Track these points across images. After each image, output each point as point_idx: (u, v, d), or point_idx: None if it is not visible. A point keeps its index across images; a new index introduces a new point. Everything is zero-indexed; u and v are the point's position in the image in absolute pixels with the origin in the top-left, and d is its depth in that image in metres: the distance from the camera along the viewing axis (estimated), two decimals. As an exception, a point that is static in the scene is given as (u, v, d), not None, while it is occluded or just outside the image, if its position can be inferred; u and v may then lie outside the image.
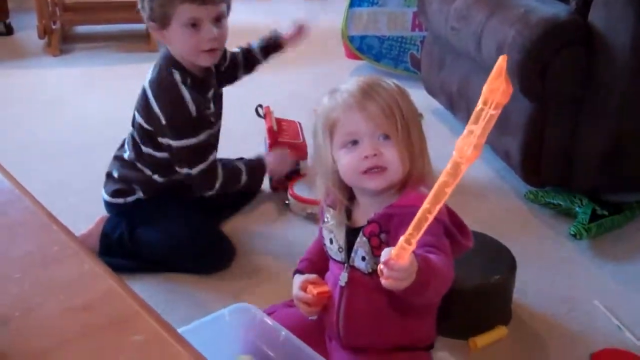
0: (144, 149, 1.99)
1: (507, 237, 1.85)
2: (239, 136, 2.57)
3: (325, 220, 1.43)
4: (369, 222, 1.33)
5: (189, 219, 2.00)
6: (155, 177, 2.01)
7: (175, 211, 2.02)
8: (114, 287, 0.76)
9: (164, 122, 1.89)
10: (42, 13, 3.79)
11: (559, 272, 1.96)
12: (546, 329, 1.74)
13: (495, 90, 0.87)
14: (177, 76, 1.91)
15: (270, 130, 2.35)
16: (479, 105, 0.89)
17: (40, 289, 0.78)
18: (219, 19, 1.89)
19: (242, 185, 2.04)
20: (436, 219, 1.06)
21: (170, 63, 1.92)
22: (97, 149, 2.22)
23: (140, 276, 1.91)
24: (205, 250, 1.96)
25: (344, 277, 1.37)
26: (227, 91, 2.37)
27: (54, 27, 3.85)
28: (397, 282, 1.13)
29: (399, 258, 1.08)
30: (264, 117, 2.46)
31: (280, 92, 3.14)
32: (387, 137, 1.30)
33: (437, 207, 0.98)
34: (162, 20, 1.87)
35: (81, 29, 4.19)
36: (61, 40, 3.85)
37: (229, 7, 1.95)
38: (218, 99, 2.09)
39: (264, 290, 1.87)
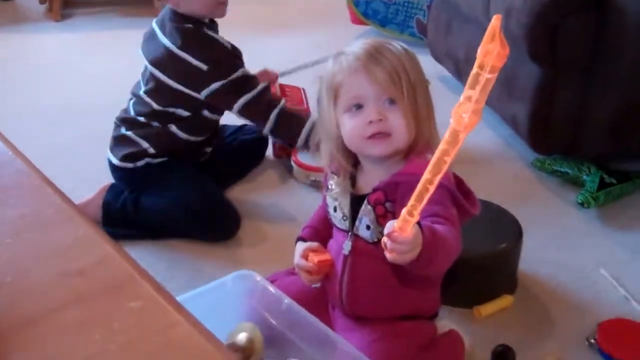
0: (167, 109, 1.99)
1: (514, 205, 1.82)
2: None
3: (329, 187, 1.40)
4: (373, 190, 1.30)
5: (195, 185, 1.99)
6: (174, 129, 2.00)
7: (181, 177, 2.00)
8: (110, 253, 0.74)
9: (205, 68, 1.91)
10: (43, -23, 3.75)
11: (565, 240, 1.94)
12: (552, 298, 1.72)
13: (490, 52, 0.83)
14: (192, 26, 1.94)
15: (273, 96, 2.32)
16: (475, 69, 0.85)
17: (33, 254, 0.76)
18: None
19: (304, 135, 2.00)
20: (442, 186, 1.04)
21: (181, 20, 1.95)
22: (99, 114, 2.19)
23: (140, 243, 1.90)
24: (210, 216, 1.94)
25: (347, 246, 1.35)
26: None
27: (55, -9, 3.81)
28: (401, 256, 1.11)
29: (402, 230, 1.06)
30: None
31: (284, 58, 3.09)
32: (393, 101, 1.27)
33: (438, 177, 0.95)
34: None
35: (82, -7, 4.14)
36: (62, 5, 3.80)
37: None
38: None
39: (266, 258, 1.86)
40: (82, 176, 2.16)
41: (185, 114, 1.99)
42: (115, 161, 2.02)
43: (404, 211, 1.03)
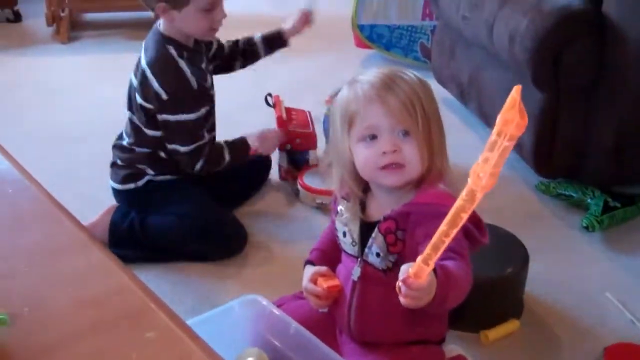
0: (147, 131, 1.99)
1: (519, 229, 1.83)
2: (249, 125, 2.54)
3: (339, 212, 1.40)
4: (385, 219, 1.30)
5: (202, 203, 2.00)
6: (161, 154, 2.01)
7: (187, 195, 2.02)
8: (125, 281, 0.75)
9: (164, 97, 1.90)
10: (51, 0, 3.77)
11: (571, 264, 1.95)
12: (558, 322, 1.72)
13: (510, 121, 0.85)
14: (173, 51, 1.93)
15: (279, 119, 2.33)
16: (493, 135, 0.87)
17: (48, 282, 0.77)
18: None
19: (226, 163, 2.03)
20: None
21: (163, 40, 1.94)
22: (105, 137, 2.20)
23: (147, 266, 1.90)
24: (217, 233, 1.96)
25: (356, 272, 1.35)
26: (237, 80, 2.36)
27: (62, 14, 3.83)
28: (415, 301, 1.12)
29: (417, 277, 1.06)
30: (274, 106, 2.44)
31: (289, 81, 3.12)
32: (407, 133, 1.27)
33: (455, 231, 0.96)
34: (177, 3, 1.88)
35: (90, 16, 4.16)
36: (69, 28, 3.83)
37: None
38: (210, 74, 2.09)
39: (272, 281, 1.86)
40: (89, 199, 2.17)
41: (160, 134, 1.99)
42: (116, 185, 2.04)
43: (419, 259, 1.04)
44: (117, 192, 2.06)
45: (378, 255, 1.31)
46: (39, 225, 0.87)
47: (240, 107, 2.74)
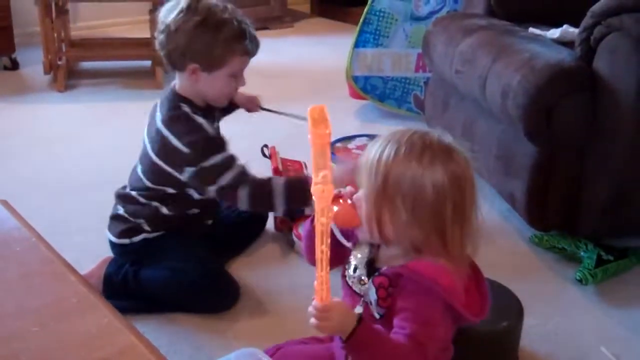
0: (156, 187, 2.01)
1: (512, 281, 1.84)
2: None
3: (357, 245, 1.43)
4: (379, 274, 1.33)
5: (195, 257, 2.01)
6: (164, 210, 2.02)
7: (180, 249, 2.02)
8: (134, 343, 0.76)
9: (186, 151, 1.90)
10: (48, 48, 3.81)
11: (564, 317, 1.96)
12: (553, 376, 1.73)
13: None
14: (186, 108, 1.95)
15: (276, 171, 2.36)
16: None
17: (59, 344, 0.78)
18: None
19: (281, 200, 1.94)
20: (437, 298, 1.21)
21: (177, 99, 1.97)
22: (102, 187, 2.22)
23: (142, 317, 1.90)
24: (210, 288, 1.96)
25: (358, 310, 1.36)
26: (233, 130, 2.39)
27: (59, 62, 3.87)
28: (318, 321, 1.20)
29: (318, 298, 1.17)
30: (270, 157, 2.47)
31: (284, 131, 3.14)
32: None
33: (324, 247, 1.10)
34: (211, 66, 1.92)
35: (87, 64, 4.20)
36: (67, 76, 3.86)
37: None
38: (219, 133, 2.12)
39: (267, 333, 1.86)
40: (85, 249, 2.17)
41: (172, 191, 2.00)
42: (112, 238, 2.06)
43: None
44: (112, 245, 2.07)
45: (371, 303, 1.34)
46: (49, 285, 0.88)
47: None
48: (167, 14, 1.92)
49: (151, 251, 2.03)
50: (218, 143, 1.97)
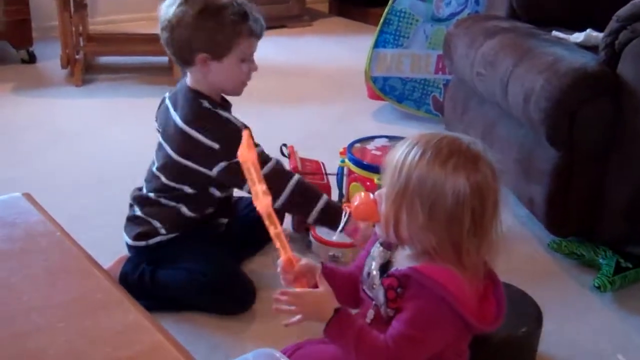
0: (176, 185, 1.99)
1: (530, 287, 1.83)
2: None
3: (371, 253, 1.43)
4: (388, 275, 1.33)
5: (211, 258, 2.00)
6: (184, 209, 2.00)
7: (197, 250, 2.01)
8: (160, 340, 0.76)
9: (217, 147, 1.88)
10: (66, 43, 3.81)
11: (582, 324, 1.95)
12: (571, 383, 1.72)
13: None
14: (207, 104, 1.94)
15: (295, 170, 2.35)
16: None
17: (84, 340, 0.77)
18: None
19: (318, 211, 1.94)
20: (441, 302, 1.23)
21: (196, 96, 1.95)
22: (119, 182, 2.22)
23: (159, 316, 1.88)
24: (226, 289, 1.95)
25: (370, 314, 1.37)
26: (252, 130, 2.38)
27: (77, 57, 3.88)
28: (285, 307, 1.36)
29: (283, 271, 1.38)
30: (289, 156, 2.46)
31: (302, 131, 3.14)
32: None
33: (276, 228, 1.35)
34: (220, 53, 1.90)
35: (104, 59, 4.21)
36: (84, 71, 3.87)
37: None
38: None
39: (283, 334, 1.85)
40: (101, 246, 2.15)
41: (191, 191, 1.99)
42: (128, 240, 2.05)
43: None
44: (129, 246, 2.07)
45: (381, 305, 1.34)
46: (74, 280, 0.88)
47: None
48: (167, 10, 1.91)
49: (167, 252, 2.02)
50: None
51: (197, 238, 2.03)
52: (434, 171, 1.26)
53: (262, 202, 1.33)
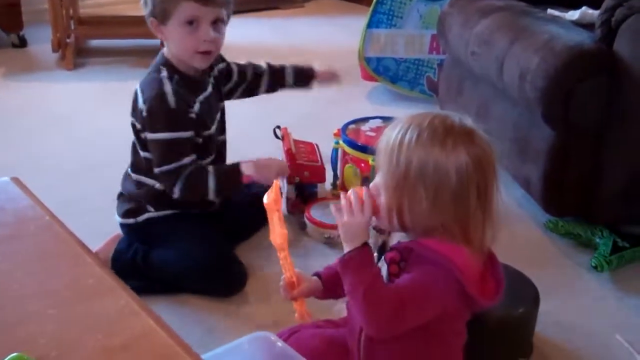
0: (141, 153, 1.99)
1: (527, 268, 1.81)
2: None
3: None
4: (390, 249, 1.32)
5: (203, 239, 1.99)
6: (158, 186, 1.99)
7: (188, 230, 2.00)
8: (152, 327, 0.74)
9: (144, 113, 1.90)
10: (57, 26, 3.78)
11: (579, 304, 1.94)
12: (568, 363, 1.71)
13: None
14: (164, 72, 1.93)
15: (288, 152, 2.33)
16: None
17: (76, 327, 0.76)
18: (217, 22, 1.91)
19: (212, 191, 1.94)
20: (440, 279, 1.22)
21: (162, 62, 1.96)
22: (111, 166, 2.19)
23: (152, 298, 1.87)
24: (217, 271, 1.94)
25: None
26: (244, 111, 2.36)
27: (68, 40, 3.84)
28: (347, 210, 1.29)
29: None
30: (282, 138, 2.45)
31: (295, 113, 3.12)
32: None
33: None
34: (162, 16, 1.89)
35: (95, 43, 4.18)
36: (75, 54, 3.83)
37: (229, 15, 1.96)
38: (213, 105, 2.06)
39: (278, 315, 1.84)
40: (94, 229, 2.13)
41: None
42: (118, 218, 2.05)
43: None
44: (119, 224, 2.06)
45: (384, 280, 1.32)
46: (65, 266, 0.86)
47: (248, 139, 2.73)
48: None
49: (158, 231, 2.01)
50: (174, 120, 1.90)
51: (188, 219, 2.01)
52: (433, 152, 1.23)
53: (278, 238, 1.47)
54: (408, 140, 1.25)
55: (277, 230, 1.46)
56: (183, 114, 1.91)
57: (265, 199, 1.49)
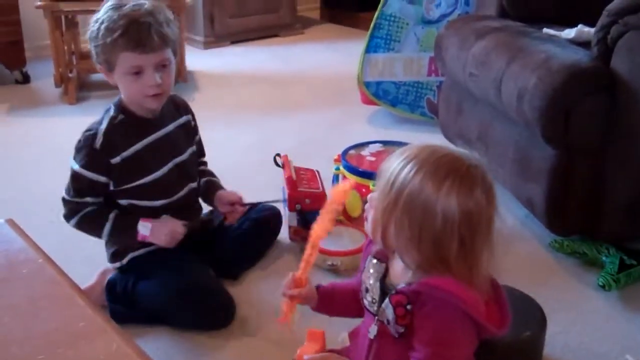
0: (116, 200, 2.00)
1: (533, 288, 1.80)
2: (259, 186, 2.54)
3: (365, 267, 1.40)
4: (396, 292, 1.29)
5: (181, 269, 1.96)
6: None
7: (169, 261, 1.98)
8: (143, 369, 0.73)
9: (77, 140, 1.94)
10: (59, 61, 3.79)
11: (588, 325, 1.92)
12: (578, 386, 1.69)
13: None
14: (111, 111, 1.94)
15: (289, 180, 2.33)
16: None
17: (67, 372, 0.75)
18: (163, 65, 1.89)
19: (106, 236, 1.96)
20: (458, 322, 1.21)
21: (116, 101, 1.96)
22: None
23: (143, 331, 1.88)
24: (199, 304, 1.91)
25: (373, 330, 1.34)
26: (244, 140, 2.35)
27: (70, 75, 3.86)
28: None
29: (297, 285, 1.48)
30: (283, 166, 2.44)
31: (295, 138, 3.12)
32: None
33: (315, 252, 1.47)
34: (107, 65, 1.89)
35: (97, 76, 4.18)
36: (77, 89, 3.85)
37: (175, 52, 1.94)
38: (166, 150, 2.02)
39: (264, 352, 1.82)
40: (96, 263, 2.13)
41: (123, 202, 1.98)
42: (108, 264, 2.05)
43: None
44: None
45: (388, 322, 1.30)
46: (56, 309, 0.85)
47: (249, 167, 2.73)
48: None
49: (145, 267, 2.00)
50: (92, 160, 1.90)
51: (174, 249, 1.99)
52: (427, 189, 1.21)
53: (319, 230, 1.44)
54: (409, 169, 1.23)
55: (324, 225, 1.44)
56: (103, 158, 1.91)
57: (331, 192, 1.54)
